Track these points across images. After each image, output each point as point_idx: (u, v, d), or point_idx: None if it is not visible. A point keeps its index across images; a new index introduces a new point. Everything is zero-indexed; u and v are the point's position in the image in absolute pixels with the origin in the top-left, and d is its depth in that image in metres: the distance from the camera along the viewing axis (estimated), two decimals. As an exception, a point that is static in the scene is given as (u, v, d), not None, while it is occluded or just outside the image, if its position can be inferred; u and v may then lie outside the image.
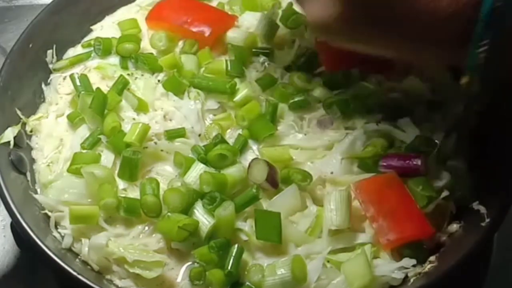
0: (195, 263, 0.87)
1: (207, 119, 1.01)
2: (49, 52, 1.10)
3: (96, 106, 0.97)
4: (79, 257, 0.91)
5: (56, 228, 0.93)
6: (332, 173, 0.92)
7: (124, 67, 1.07)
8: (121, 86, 1.01)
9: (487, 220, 0.85)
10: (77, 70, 1.09)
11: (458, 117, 0.97)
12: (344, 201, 0.87)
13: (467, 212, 0.90)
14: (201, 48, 1.07)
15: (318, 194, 0.92)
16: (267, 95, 1.01)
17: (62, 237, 0.93)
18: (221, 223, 0.86)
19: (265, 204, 0.90)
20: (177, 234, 0.86)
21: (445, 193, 0.90)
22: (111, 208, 0.90)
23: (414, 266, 0.86)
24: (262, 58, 1.05)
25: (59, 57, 1.12)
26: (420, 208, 0.87)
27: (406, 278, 0.86)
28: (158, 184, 0.91)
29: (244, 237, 0.88)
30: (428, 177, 0.91)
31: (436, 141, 0.94)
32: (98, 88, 1.00)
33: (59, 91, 1.07)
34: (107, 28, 1.16)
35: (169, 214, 0.88)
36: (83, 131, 1.00)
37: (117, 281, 0.89)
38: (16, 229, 0.92)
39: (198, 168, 0.92)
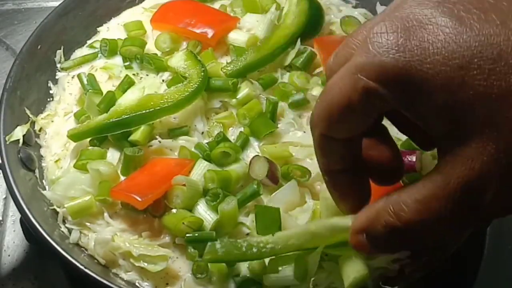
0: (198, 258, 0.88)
1: (210, 117, 1.02)
2: (58, 52, 1.13)
3: (104, 105, 1.00)
4: (86, 251, 0.93)
5: (64, 223, 0.95)
6: (330, 169, 0.94)
7: (127, 68, 1.09)
8: (127, 85, 1.03)
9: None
10: (84, 69, 1.11)
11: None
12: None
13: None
14: (204, 49, 1.09)
15: (317, 190, 0.93)
16: (267, 94, 1.03)
17: (70, 232, 0.94)
18: (224, 218, 0.88)
19: (265, 199, 0.91)
20: (181, 231, 0.88)
21: (439, 188, 0.92)
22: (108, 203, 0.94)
23: (409, 258, 0.86)
24: (263, 58, 1.07)
25: (67, 58, 1.14)
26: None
27: (401, 270, 0.86)
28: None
29: (246, 231, 0.90)
30: (423, 173, 0.92)
31: (430, 138, 0.96)
32: (110, 91, 1.02)
33: (67, 90, 1.10)
34: (113, 29, 1.18)
35: (174, 210, 0.90)
36: (90, 129, 1.02)
37: (123, 275, 0.91)
38: (25, 224, 0.94)
39: (202, 166, 0.93)
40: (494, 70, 0.50)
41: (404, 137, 0.95)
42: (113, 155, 0.98)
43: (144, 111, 0.95)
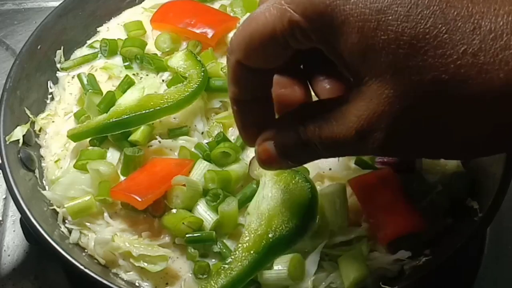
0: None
1: (210, 117, 1.02)
2: (58, 52, 1.13)
3: (104, 105, 1.00)
4: (86, 251, 0.93)
5: (64, 223, 0.95)
6: (330, 169, 0.94)
7: (127, 68, 1.09)
8: (127, 86, 1.03)
9: (480, 215, 0.86)
10: (84, 69, 1.11)
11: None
12: (340, 203, 0.88)
13: (460, 207, 0.91)
14: (204, 49, 1.09)
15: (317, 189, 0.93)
16: (267, 94, 1.02)
17: (70, 232, 0.94)
18: (224, 218, 0.88)
19: (265, 199, 0.91)
20: (181, 231, 0.88)
21: (438, 188, 0.91)
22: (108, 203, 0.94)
23: (409, 258, 0.86)
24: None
25: (67, 58, 1.14)
26: (414, 203, 0.89)
27: (401, 271, 0.87)
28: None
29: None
30: (423, 173, 0.93)
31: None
32: (110, 91, 1.02)
33: (67, 90, 1.10)
34: (113, 29, 1.18)
35: (174, 210, 0.90)
36: (89, 129, 1.02)
37: (123, 275, 0.91)
38: (25, 224, 0.94)
39: (202, 166, 0.93)
40: (408, 17, 0.52)
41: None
42: (113, 155, 0.98)
43: (144, 111, 0.95)
